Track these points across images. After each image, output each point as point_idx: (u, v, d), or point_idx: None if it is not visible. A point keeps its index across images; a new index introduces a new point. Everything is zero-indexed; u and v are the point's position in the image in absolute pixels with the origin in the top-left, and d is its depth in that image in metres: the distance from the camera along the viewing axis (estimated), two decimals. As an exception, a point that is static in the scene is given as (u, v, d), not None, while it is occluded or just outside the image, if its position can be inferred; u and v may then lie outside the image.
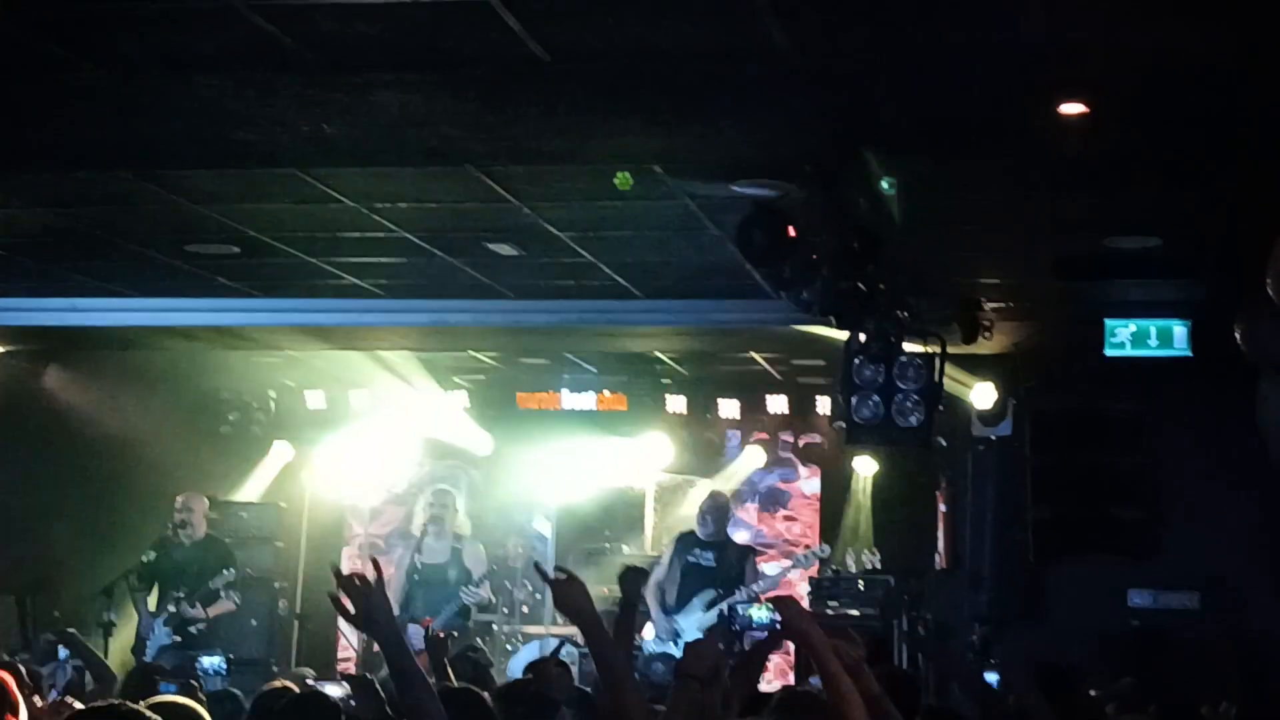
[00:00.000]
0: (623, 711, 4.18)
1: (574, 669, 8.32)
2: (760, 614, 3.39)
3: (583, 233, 8.67)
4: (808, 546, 13.23)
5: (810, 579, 12.45)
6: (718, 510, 11.47)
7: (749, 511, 14.91)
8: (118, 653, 11.09)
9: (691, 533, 11.45)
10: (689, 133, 6.89)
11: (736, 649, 8.77)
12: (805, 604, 11.05)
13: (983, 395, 11.04)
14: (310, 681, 9.33)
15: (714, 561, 11.11)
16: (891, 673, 5.64)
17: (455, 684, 6.10)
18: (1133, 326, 9.66)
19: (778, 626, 3.90)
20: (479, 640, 11.09)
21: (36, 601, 12.68)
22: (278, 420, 14.66)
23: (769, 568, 12.80)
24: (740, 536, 13.11)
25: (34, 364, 12.84)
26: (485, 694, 5.68)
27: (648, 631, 11.25)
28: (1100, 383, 10.35)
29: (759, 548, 13.34)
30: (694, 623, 10.93)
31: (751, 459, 14.29)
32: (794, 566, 12.50)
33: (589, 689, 7.04)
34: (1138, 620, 11.44)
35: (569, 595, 4.51)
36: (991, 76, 6.00)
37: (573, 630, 5.46)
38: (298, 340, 11.98)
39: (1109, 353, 9.74)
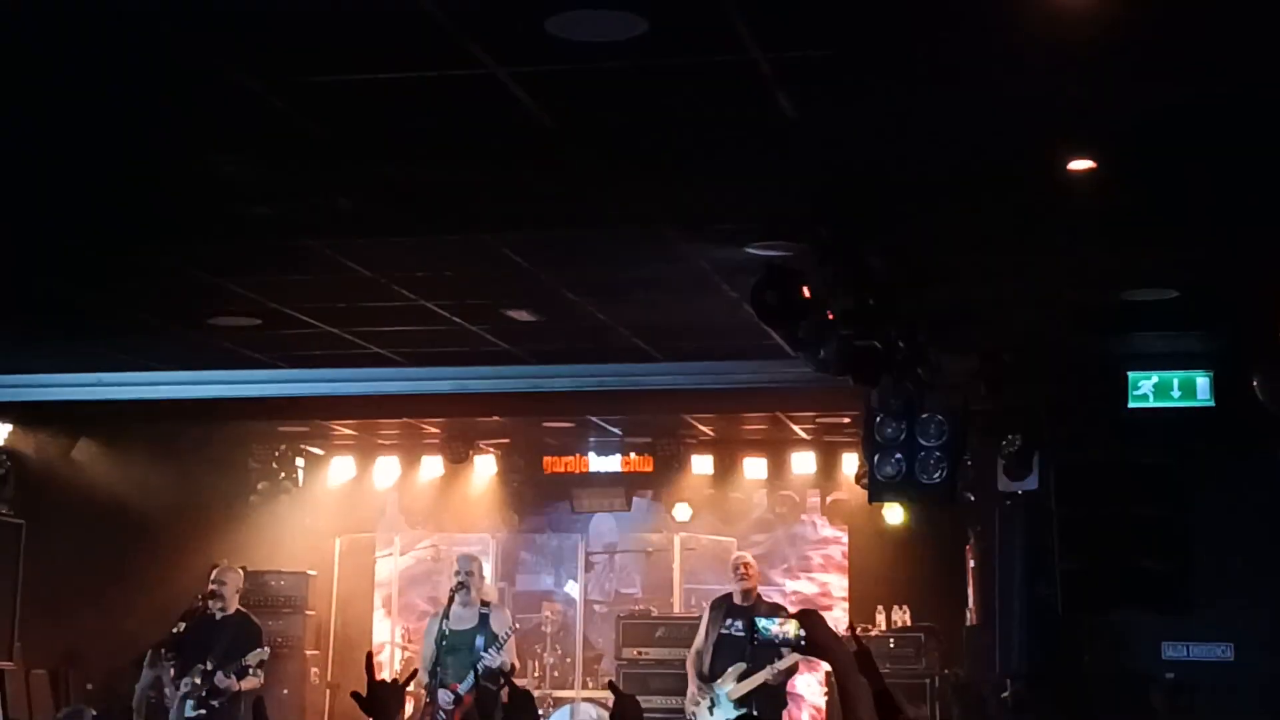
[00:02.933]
0: None
1: None
2: (786, 629, 3.34)
3: (600, 297, 8.72)
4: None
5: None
6: (748, 572, 11.42)
7: (777, 570, 14.86)
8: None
9: (728, 596, 11.41)
10: (700, 196, 6.94)
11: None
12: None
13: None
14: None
15: (743, 630, 11.07)
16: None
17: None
18: (1155, 378, 9.63)
19: (803, 643, 3.87)
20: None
21: (69, 675, 12.72)
22: (306, 488, 14.72)
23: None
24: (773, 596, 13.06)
25: (63, 438, 12.92)
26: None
27: (687, 700, 11.27)
28: (1125, 435, 10.28)
29: (789, 605, 13.28)
30: (726, 693, 10.98)
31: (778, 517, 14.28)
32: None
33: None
34: (1172, 673, 11.31)
35: (625, 712, 4.85)
36: (998, 135, 6.03)
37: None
38: (322, 410, 12.03)
39: (1132, 405, 9.70)
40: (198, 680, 10.96)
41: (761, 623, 4.00)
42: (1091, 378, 10.37)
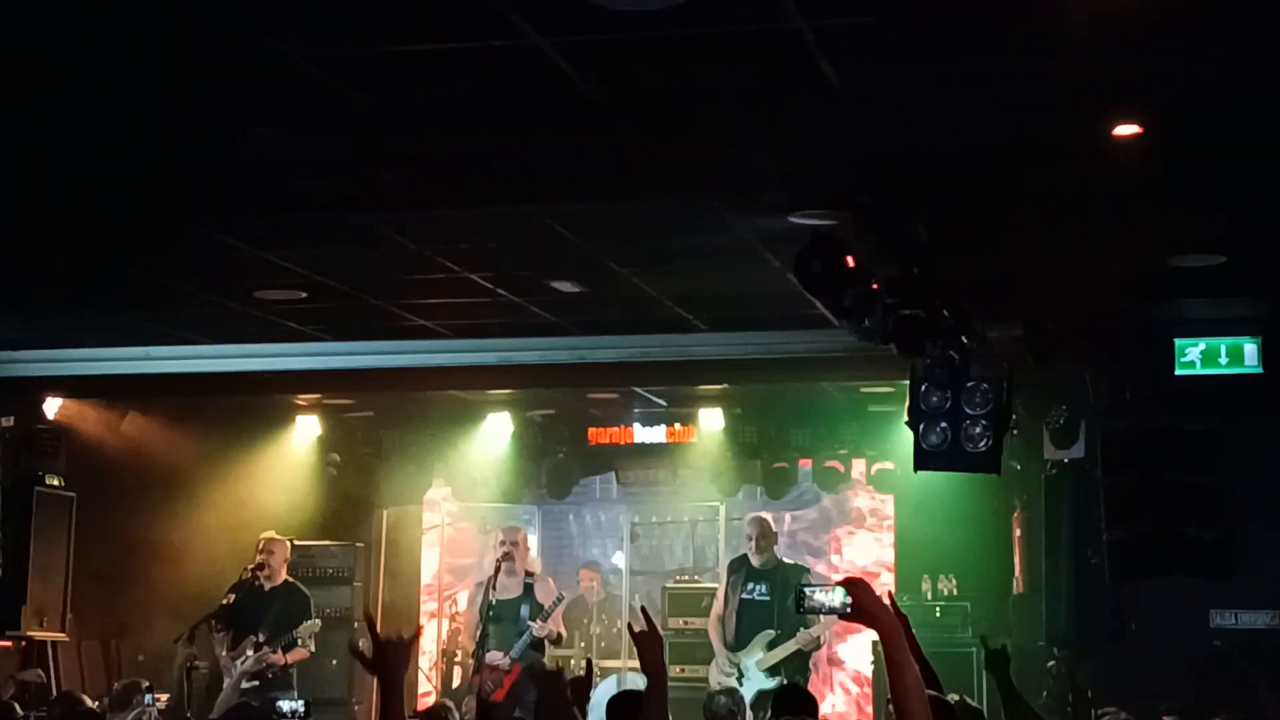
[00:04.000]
0: None
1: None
2: (832, 597, 3.31)
3: (644, 267, 8.72)
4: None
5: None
6: (764, 534, 11.41)
7: (823, 540, 14.88)
8: (200, 694, 11.24)
9: (744, 558, 11.40)
10: (743, 166, 6.93)
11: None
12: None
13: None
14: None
15: (768, 594, 11.04)
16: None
17: None
18: (1202, 345, 9.56)
19: (849, 610, 3.88)
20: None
21: (121, 646, 12.85)
22: (351, 460, 14.78)
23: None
24: (819, 568, 13.10)
25: (113, 412, 13.03)
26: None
27: (712, 671, 11.27)
28: (1171, 402, 10.22)
29: (833, 575, 13.29)
30: (755, 663, 10.99)
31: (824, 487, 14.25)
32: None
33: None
34: (1220, 641, 11.26)
35: (646, 649, 4.98)
36: (1042, 100, 5.99)
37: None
38: (367, 383, 12.08)
39: (1179, 372, 9.64)
40: (250, 652, 11.10)
41: (807, 590, 3.98)
42: (1138, 345, 10.31)
